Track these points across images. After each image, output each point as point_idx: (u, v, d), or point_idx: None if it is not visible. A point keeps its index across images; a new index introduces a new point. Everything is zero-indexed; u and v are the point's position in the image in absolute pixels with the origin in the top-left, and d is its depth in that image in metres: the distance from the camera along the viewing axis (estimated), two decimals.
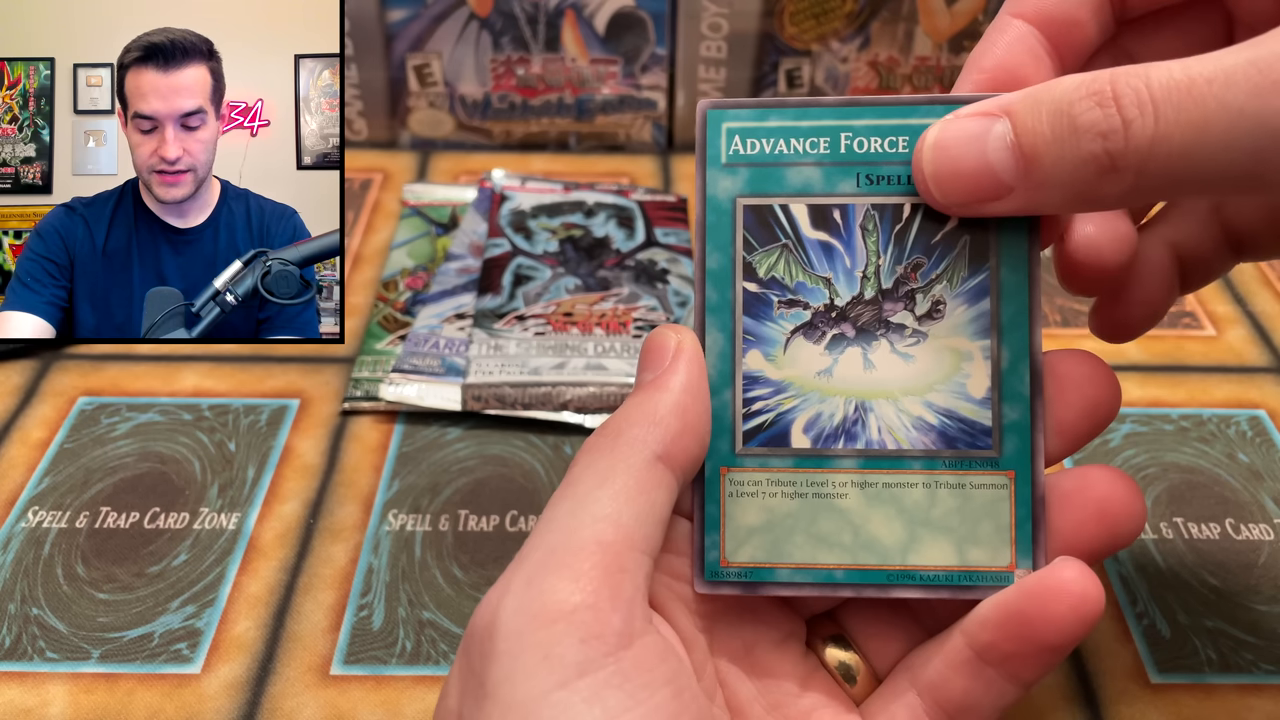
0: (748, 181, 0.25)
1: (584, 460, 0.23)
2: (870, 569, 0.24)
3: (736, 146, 0.25)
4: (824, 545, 0.24)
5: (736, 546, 0.25)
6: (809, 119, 0.25)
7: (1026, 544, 0.24)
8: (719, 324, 0.25)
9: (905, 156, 0.24)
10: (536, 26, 0.54)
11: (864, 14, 0.54)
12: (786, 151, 0.25)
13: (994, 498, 0.24)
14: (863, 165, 0.24)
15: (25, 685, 0.32)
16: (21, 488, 0.38)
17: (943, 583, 0.24)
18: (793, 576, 0.24)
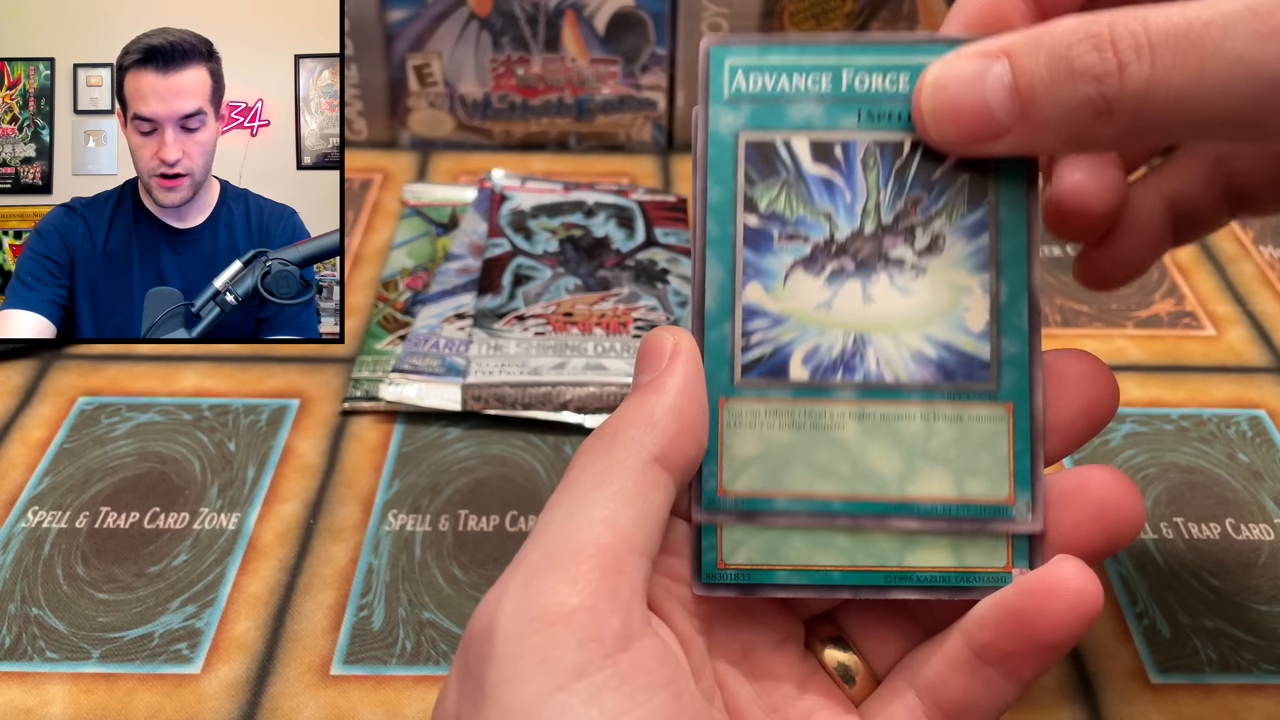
0: (750, 116, 0.25)
1: (581, 462, 0.23)
2: (868, 500, 0.24)
3: (739, 83, 0.25)
4: (821, 475, 0.24)
5: (734, 475, 0.24)
6: (811, 55, 0.25)
7: (1025, 476, 0.24)
8: (719, 256, 0.25)
9: (905, 94, 0.24)
10: (536, 26, 0.54)
11: (864, 14, 0.54)
12: (788, 88, 0.25)
13: (992, 429, 0.24)
14: (863, 102, 0.25)
15: (25, 685, 0.32)
16: (21, 488, 0.38)
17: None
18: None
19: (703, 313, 0.25)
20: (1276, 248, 0.51)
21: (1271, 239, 0.52)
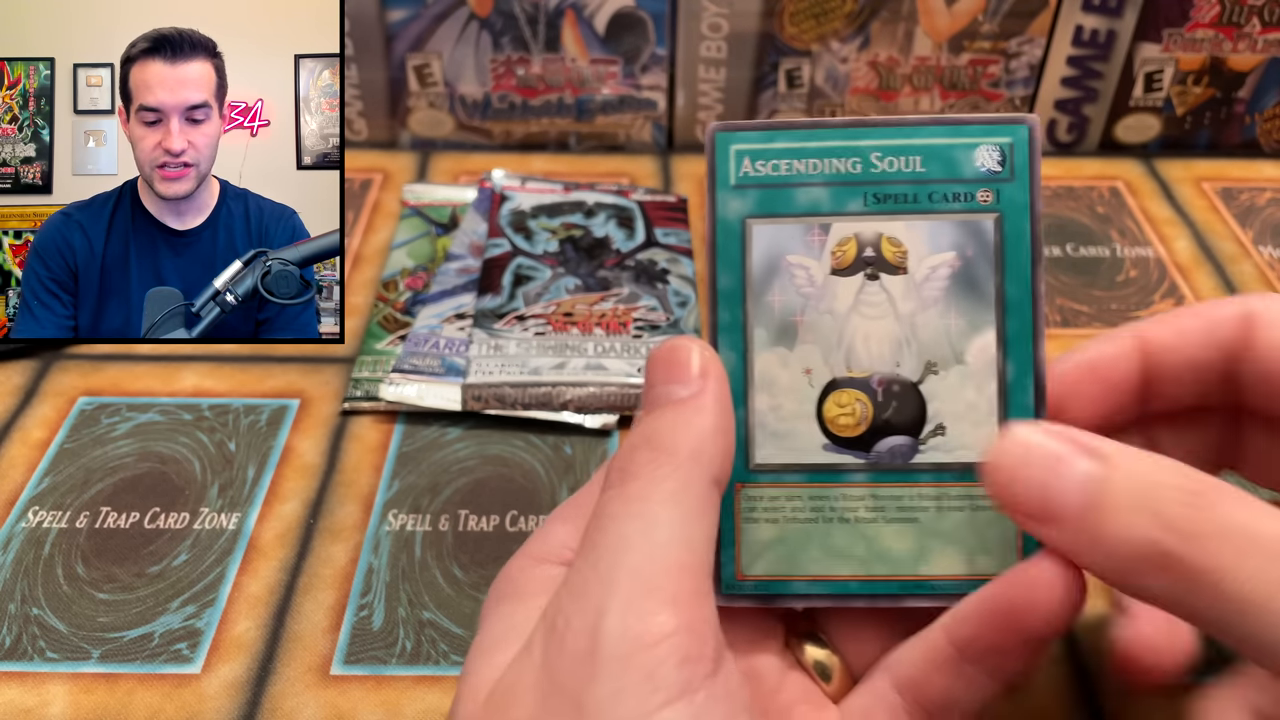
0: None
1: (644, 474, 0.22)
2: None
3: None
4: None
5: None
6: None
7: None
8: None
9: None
10: (536, 26, 0.54)
11: (864, 14, 0.54)
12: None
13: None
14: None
15: (25, 685, 0.32)
16: (22, 488, 0.38)
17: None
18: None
19: None
20: (1276, 248, 0.51)
21: (1271, 239, 0.52)
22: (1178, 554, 0.20)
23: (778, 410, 0.25)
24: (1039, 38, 0.55)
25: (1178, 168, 0.57)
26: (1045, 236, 0.52)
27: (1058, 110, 0.57)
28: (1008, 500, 0.22)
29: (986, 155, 0.25)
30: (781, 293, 0.25)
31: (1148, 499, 0.20)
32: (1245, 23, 0.54)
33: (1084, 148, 0.59)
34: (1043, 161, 0.60)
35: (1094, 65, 0.56)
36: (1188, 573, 0.19)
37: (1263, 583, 0.19)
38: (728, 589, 0.25)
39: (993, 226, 0.25)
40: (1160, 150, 0.59)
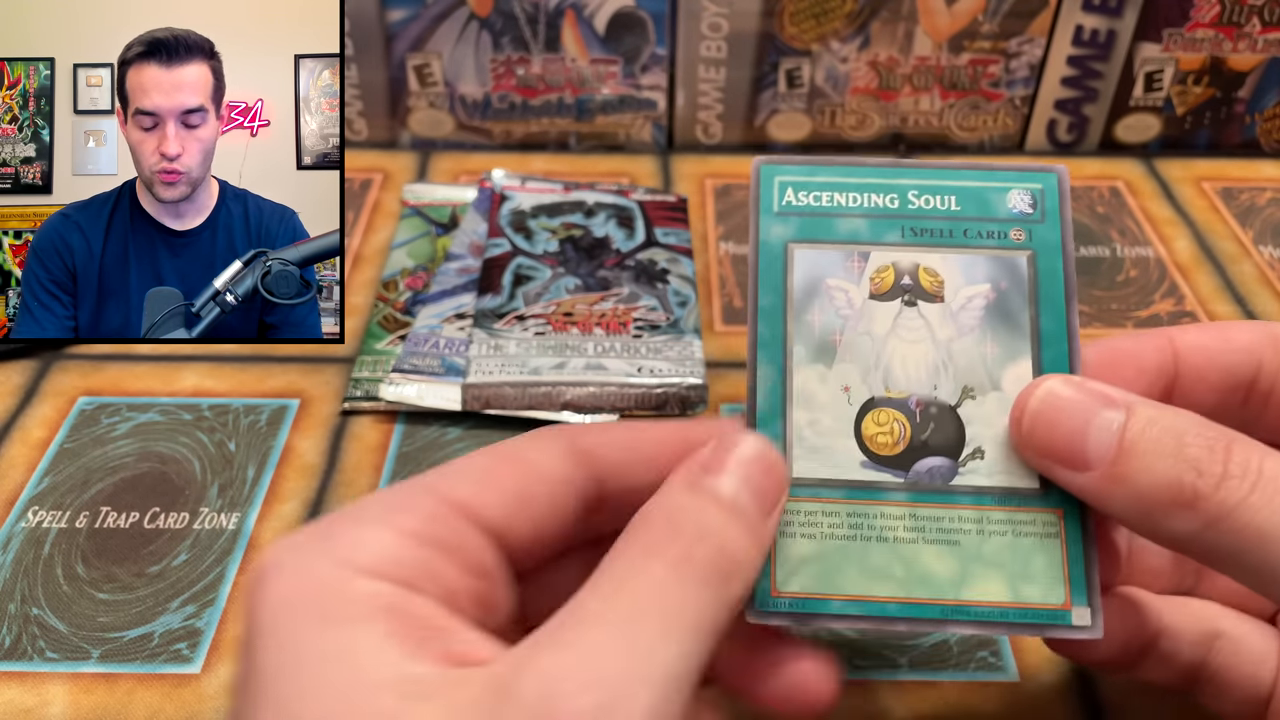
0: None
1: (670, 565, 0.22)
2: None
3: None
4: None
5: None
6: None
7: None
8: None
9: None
10: (536, 26, 0.54)
11: (864, 14, 0.54)
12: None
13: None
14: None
15: (25, 685, 0.32)
16: (21, 487, 0.38)
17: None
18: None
19: (755, 411, 0.25)
20: (1277, 248, 0.51)
21: (1272, 239, 0.52)
22: (1204, 492, 0.21)
23: (816, 425, 0.25)
24: (1039, 37, 0.55)
25: (1178, 167, 0.57)
26: None
27: (1058, 110, 0.57)
28: (1040, 447, 0.23)
29: (1018, 199, 0.26)
30: (821, 313, 0.26)
31: (1174, 444, 0.21)
32: (1245, 22, 0.54)
33: (1084, 148, 0.59)
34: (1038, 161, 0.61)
35: (1094, 65, 0.56)
36: (1211, 508, 0.21)
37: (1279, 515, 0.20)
38: (762, 606, 0.24)
39: (1026, 262, 0.26)
40: (1160, 150, 0.59)
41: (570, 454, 0.24)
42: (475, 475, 0.22)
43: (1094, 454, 0.22)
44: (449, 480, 0.22)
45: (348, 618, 0.19)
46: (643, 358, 0.43)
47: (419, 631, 0.19)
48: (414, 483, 0.22)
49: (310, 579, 0.20)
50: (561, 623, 0.19)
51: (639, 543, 0.21)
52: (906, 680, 0.32)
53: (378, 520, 0.21)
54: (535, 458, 0.23)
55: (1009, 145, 0.59)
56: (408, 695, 0.18)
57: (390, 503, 0.22)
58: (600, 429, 0.25)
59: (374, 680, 0.18)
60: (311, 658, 0.18)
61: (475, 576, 0.21)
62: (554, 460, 0.23)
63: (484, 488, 0.22)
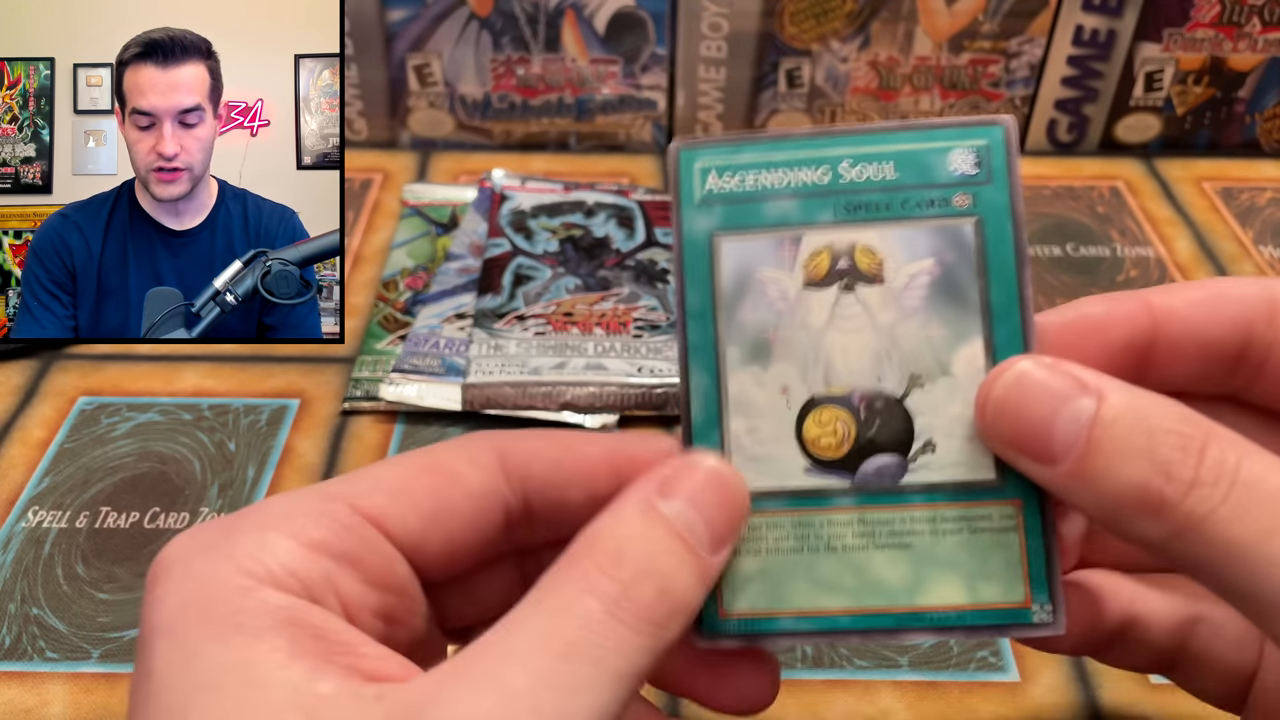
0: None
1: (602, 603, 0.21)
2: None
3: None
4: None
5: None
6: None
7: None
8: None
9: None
10: (536, 26, 0.54)
11: (864, 13, 0.54)
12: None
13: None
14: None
15: (25, 685, 0.32)
16: (22, 487, 0.38)
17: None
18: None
19: (690, 423, 0.24)
20: (1277, 248, 0.51)
21: (1272, 239, 0.52)
22: (1170, 499, 0.19)
23: (755, 433, 0.24)
24: (1039, 37, 0.55)
25: (1178, 167, 0.57)
26: (1046, 237, 0.52)
27: (1058, 110, 0.57)
28: (1004, 437, 0.22)
29: (961, 159, 0.24)
30: (754, 309, 0.24)
31: (1143, 442, 0.20)
32: (1245, 22, 0.54)
33: (1084, 147, 0.59)
34: (1043, 162, 0.60)
35: (1094, 65, 0.56)
36: (1179, 518, 0.19)
37: (1250, 528, 0.18)
38: (709, 628, 0.23)
39: (972, 231, 0.24)
40: (1160, 150, 0.59)
41: (498, 466, 0.23)
42: (392, 485, 0.21)
43: (1060, 447, 0.20)
44: (363, 488, 0.21)
45: (247, 628, 0.18)
46: (643, 358, 0.43)
47: (321, 646, 0.18)
48: (326, 488, 0.21)
49: (209, 583, 0.19)
50: (482, 653, 0.18)
51: (579, 573, 0.20)
52: (906, 680, 0.32)
53: (282, 527, 0.20)
54: (460, 470, 0.22)
55: None
56: (309, 713, 0.17)
57: (297, 509, 0.21)
58: (532, 439, 0.23)
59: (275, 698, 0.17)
60: (208, 668, 0.18)
61: (383, 590, 0.21)
62: (479, 473, 0.22)
63: (399, 499, 0.21)
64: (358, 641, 0.19)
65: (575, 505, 0.23)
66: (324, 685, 0.18)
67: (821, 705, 0.32)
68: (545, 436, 0.24)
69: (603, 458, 0.23)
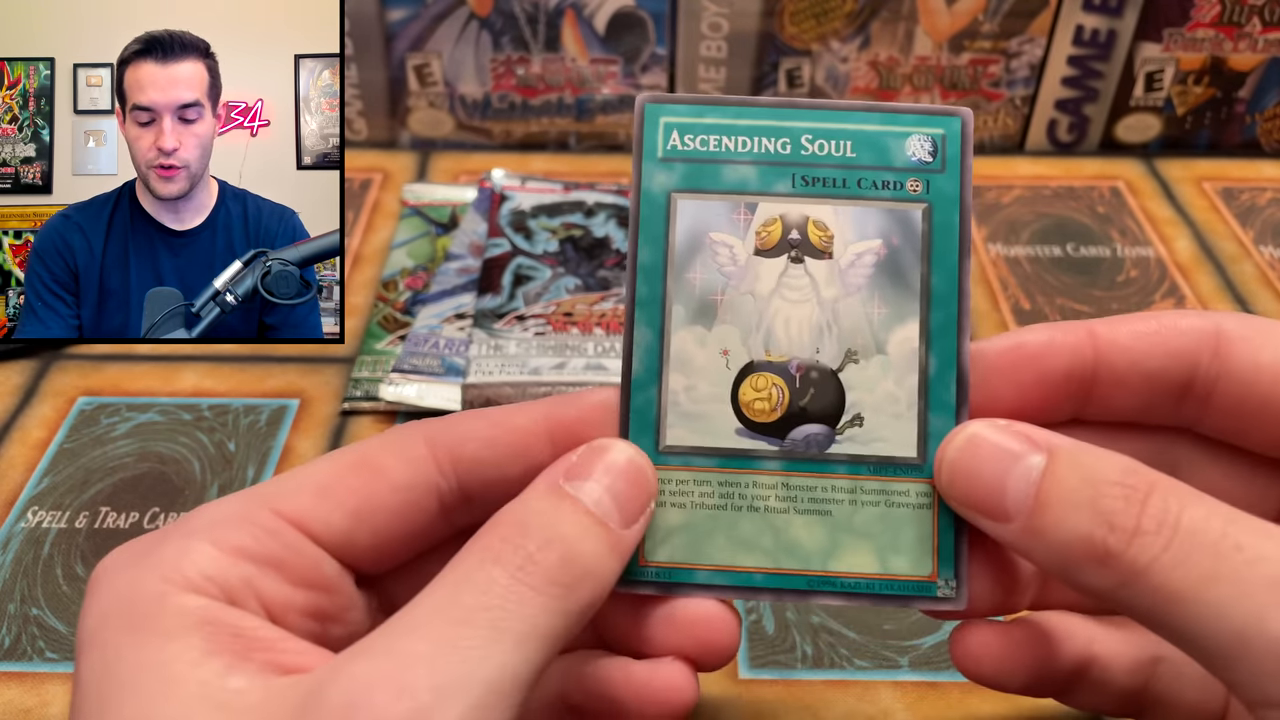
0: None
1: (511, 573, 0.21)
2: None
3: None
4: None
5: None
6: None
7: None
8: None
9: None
10: (536, 26, 0.54)
11: (864, 13, 0.54)
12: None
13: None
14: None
15: (25, 685, 0.32)
16: (21, 488, 0.38)
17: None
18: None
19: (630, 375, 0.24)
20: (1277, 248, 0.51)
21: (1272, 239, 0.52)
22: (1114, 549, 0.20)
23: (692, 391, 0.24)
24: (1039, 37, 0.55)
25: (1178, 167, 0.57)
26: (1046, 236, 0.52)
27: (1058, 110, 0.57)
28: (960, 497, 0.22)
29: (918, 145, 0.25)
30: (703, 270, 0.24)
31: (1088, 495, 0.20)
32: (1246, 22, 0.54)
33: (1084, 147, 0.59)
34: (1043, 162, 0.61)
35: (1094, 65, 0.56)
36: (1123, 567, 0.20)
37: (1191, 573, 0.19)
38: (629, 575, 0.24)
39: (920, 216, 0.24)
40: (1161, 150, 0.59)
41: (428, 456, 0.23)
42: (316, 485, 0.22)
43: (1012, 504, 0.21)
44: (288, 490, 0.22)
45: (163, 630, 0.19)
46: None
47: (238, 644, 0.19)
48: (254, 492, 0.22)
49: (132, 592, 0.19)
50: (387, 629, 0.19)
51: (482, 546, 0.20)
52: (906, 680, 0.32)
53: (204, 535, 0.20)
54: (387, 463, 0.22)
55: (1009, 145, 0.59)
56: (220, 706, 0.18)
57: (219, 516, 0.21)
58: (463, 421, 0.23)
59: (187, 693, 0.18)
60: (126, 670, 0.18)
61: (309, 589, 0.21)
62: (407, 465, 0.22)
63: (323, 500, 0.22)
64: (277, 638, 0.20)
65: (514, 479, 0.23)
66: (236, 680, 0.18)
67: (821, 705, 0.32)
68: (477, 416, 0.24)
69: (536, 427, 0.23)
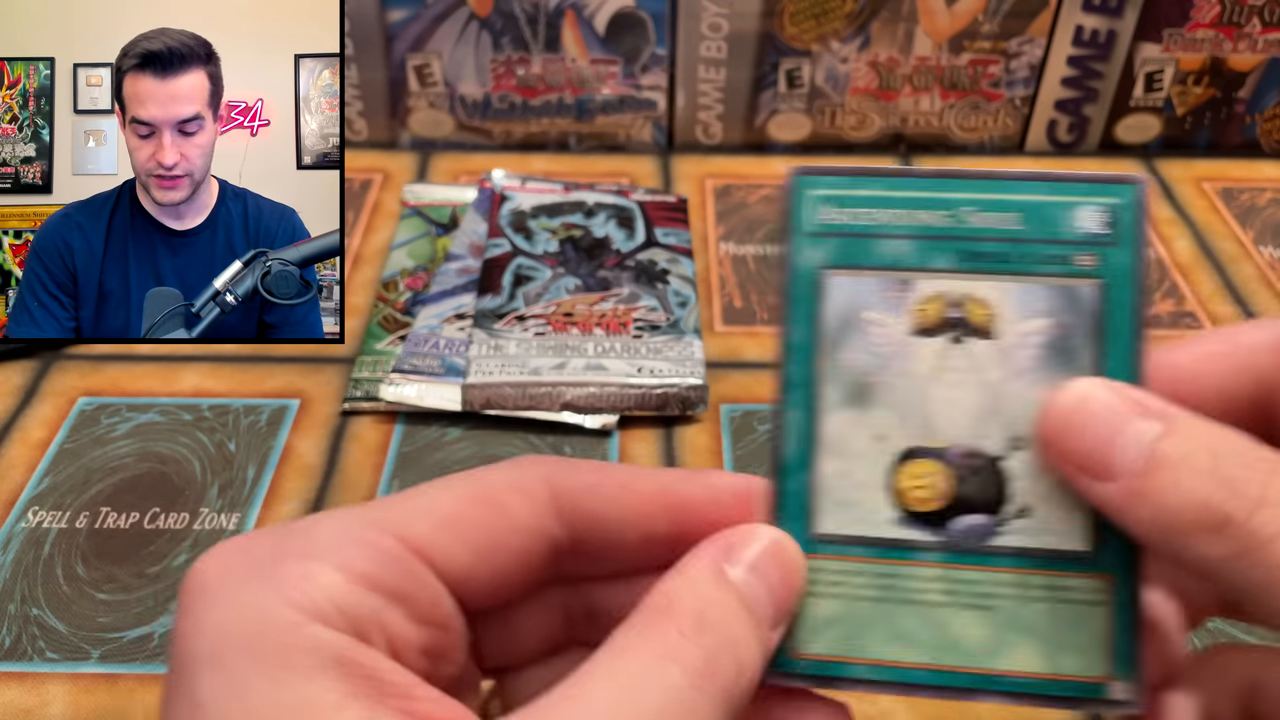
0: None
1: None
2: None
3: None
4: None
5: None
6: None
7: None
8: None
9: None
10: (536, 27, 0.54)
11: (864, 14, 0.54)
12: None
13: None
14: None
15: (25, 685, 0.32)
16: (21, 488, 0.38)
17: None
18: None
19: (780, 459, 0.23)
20: (1277, 248, 0.51)
21: (1272, 239, 0.52)
22: (1237, 517, 0.19)
23: (846, 477, 0.23)
24: (1039, 38, 0.55)
25: (1178, 168, 0.57)
26: None
27: (1058, 110, 0.57)
28: (1064, 452, 0.21)
29: (1089, 216, 0.23)
30: (857, 351, 0.23)
31: (1210, 462, 0.19)
32: (1245, 23, 0.54)
33: (1084, 148, 0.59)
34: (1043, 162, 0.60)
35: (1094, 65, 0.56)
36: (1243, 537, 0.19)
37: None
38: (780, 667, 0.23)
39: (1093, 294, 0.23)
40: (1160, 150, 0.59)
41: (549, 499, 0.22)
42: (441, 516, 0.21)
43: (1120, 463, 0.20)
44: (410, 517, 0.21)
45: (300, 666, 0.18)
46: (643, 358, 0.43)
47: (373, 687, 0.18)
48: (373, 514, 0.21)
49: (256, 614, 0.18)
50: (563, 710, 0.18)
51: (659, 635, 0.19)
52: None
53: (329, 558, 0.19)
54: (511, 501, 0.22)
55: (1009, 145, 0.59)
56: None
57: (343, 537, 0.20)
58: (586, 472, 0.23)
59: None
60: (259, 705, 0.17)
61: (429, 626, 0.20)
62: (530, 505, 0.22)
63: (448, 532, 0.21)
64: (411, 684, 0.19)
65: (628, 544, 0.22)
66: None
67: None
68: (599, 470, 0.23)
69: (658, 497, 0.23)
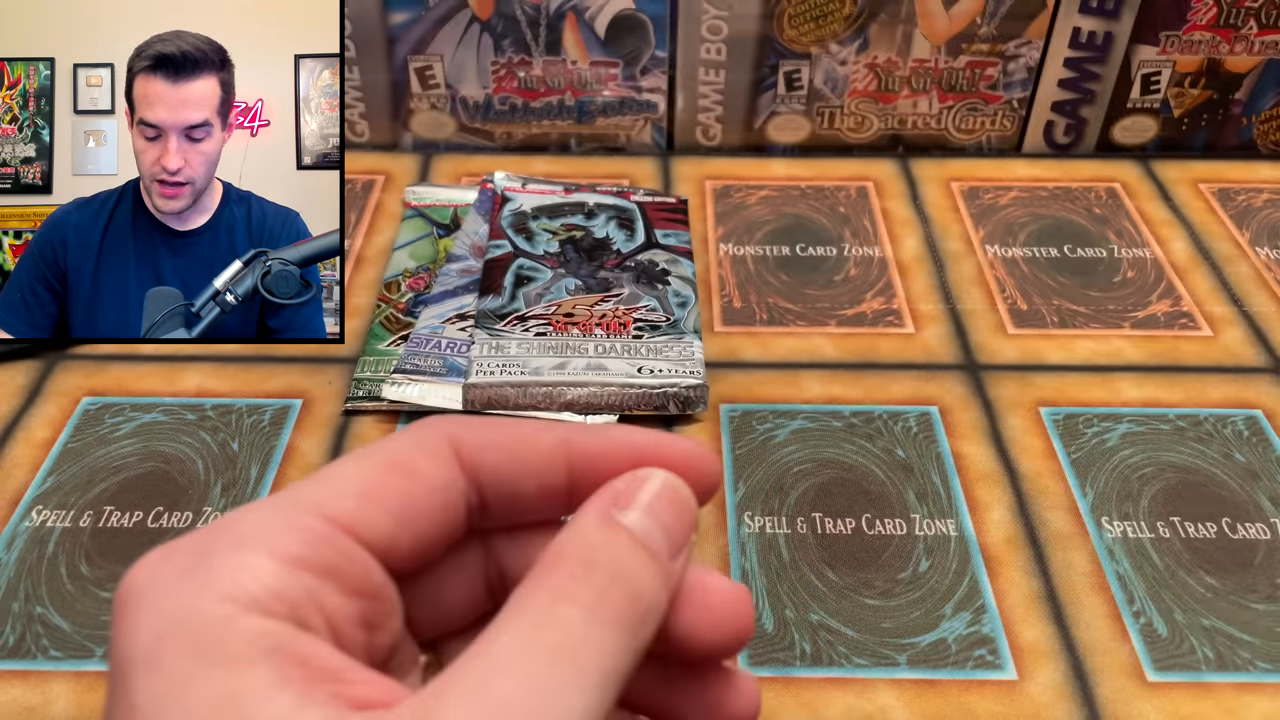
0: None
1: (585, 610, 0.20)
2: None
3: None
4: None
5: None
6: None
7: None
8: None
9: None
10: (537, 29, 0.55)
11: (862, 16, 0.54)
12: None
13: None
14: None
15: (29, 684, 0.32)
16: (26, 487, 0.38)
17: None
18: None
19: None
20: (1273, 249, 0.52)
21: (1268, 240, 0.52)
22: None
23: None
24: (1036, 40, 0.55)
25: (1175, 169, 0.58)
26: (1043, 238, 0.52)
27: (1055, 112, 0.58)
28: None
29: None
30: None
31: None
32: (1242, 25, 0.55)
33: (1081, 149, 0.59)
34: (1040, 164, 0.60)
35: (1091, 67, 0.56)
36: None
37: None
38: None
39: None
40: (1157, 152, 0.59)
41: (453, 457, 0.22)
42: (358, 488, 0.21)
43: None
44: (330, 494, 0.21)
45: (233, 659, 0.18)
46: (643, 358, 0.43)
47: (306, 673, 0.18)
48: (294, 496, 0.21)
49: (189, 613, 0.18)
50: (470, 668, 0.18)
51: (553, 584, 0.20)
52: (905, 678, 0.33)
53: (259, 545, 0.19)
54: (420, 465, 0.22)
55: (1006, 147, 0.59)
56: None
57: (269, 523, 0.20)
58: (484, 428, 0.23)
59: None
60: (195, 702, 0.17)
61: (362, 597, 0.21)
62: (438, 466, 0.22)
63: (369, 503, 0.21)
64: (345, 667, 0.19)
65: (526, 496, 0.23)
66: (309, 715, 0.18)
67: (820, 703, 0.32)
68: (498, 426, 0.23)
69: (556, 449, 0.23)
